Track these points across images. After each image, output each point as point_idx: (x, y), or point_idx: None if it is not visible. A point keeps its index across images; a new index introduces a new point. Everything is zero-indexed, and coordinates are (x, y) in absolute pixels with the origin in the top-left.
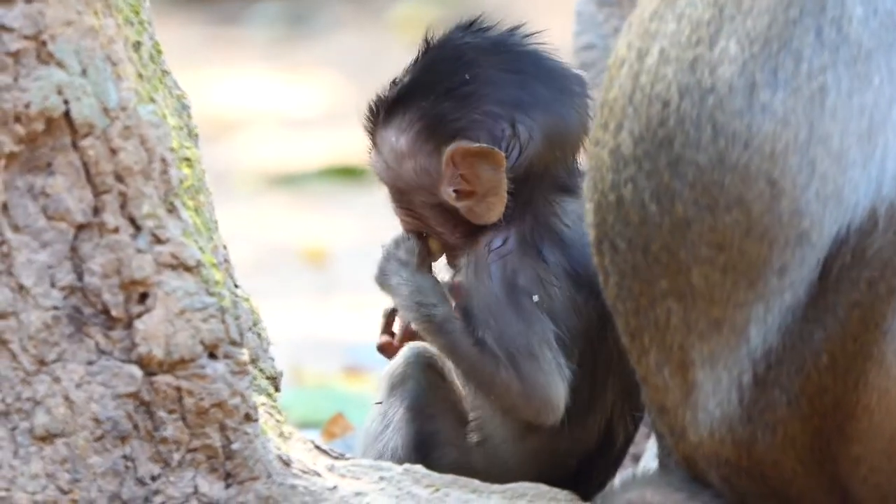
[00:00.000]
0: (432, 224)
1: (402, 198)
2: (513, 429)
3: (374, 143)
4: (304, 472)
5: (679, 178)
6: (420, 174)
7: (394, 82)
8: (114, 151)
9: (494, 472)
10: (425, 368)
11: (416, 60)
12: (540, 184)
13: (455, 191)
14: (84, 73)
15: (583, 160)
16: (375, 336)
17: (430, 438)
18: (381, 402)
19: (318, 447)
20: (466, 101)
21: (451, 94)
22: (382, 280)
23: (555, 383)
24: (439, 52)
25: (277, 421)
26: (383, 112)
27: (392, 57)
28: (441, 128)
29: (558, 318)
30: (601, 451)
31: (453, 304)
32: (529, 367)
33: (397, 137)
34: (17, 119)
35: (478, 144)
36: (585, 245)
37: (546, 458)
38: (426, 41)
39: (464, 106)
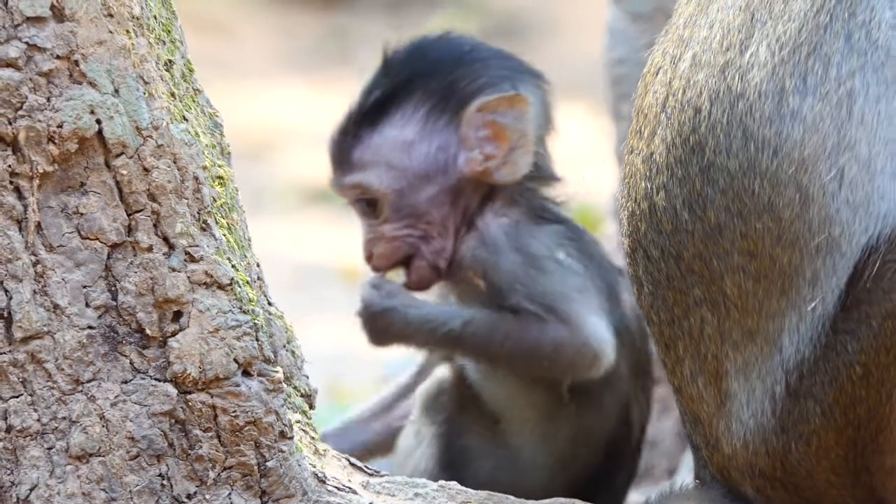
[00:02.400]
0: (434, 224)
1: (406, 202)
2: (536, 414)
3: (360, 159)
4: (339, 488)
5: (711, 184)
6: (436, 154)
7: (366, 93)
8: (147, 170)
9: (528, 479)
10: (458, 385)
11: (388, 67)
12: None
13: (481, 153)
14: (116, 92)
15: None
16: (410, 351)
17: (465, 453)
18: (414, 420)
19: (352, 464)
20: (475, 65)
21: (460, 63)
22: (379, 337)
23: (601, 323)
24: (424, 45)
25: (312, 438)
26: (369, 119)
27: None
28: (456, 95)
29: (581, 277)
30: (622, 435)
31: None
32: (572, 311)
33: (401, 129)
34: (51, 139)
35: (499, 94)
36: (579, 226)
37: (572, 446)
38: (386, 53)
39: (474, 70)
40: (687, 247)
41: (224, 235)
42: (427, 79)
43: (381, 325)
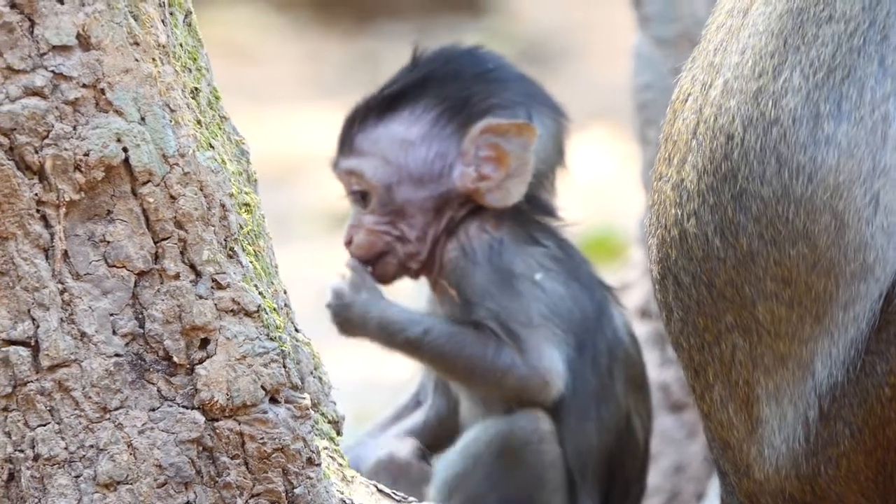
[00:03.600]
0: (414, 227)
1: (393, 199)
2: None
3: (360, 146)
4: None
5: (743, 211)
6: (432, 161)
7: (385, 84)
8: (173, 198)
9: None
10: (545, 439)
11: (414, 65)
12: (531, 193)
13: (477, 172)
14: (143, 120)
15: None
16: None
17: None
18: (483, 462)
19: (380, 490)
20: (494, 84)
21: (480, 79)
22: (343, 328)
23: (556, 355)
24: (450, 52)
25: (340, 464)
26: (379, 110)
27: None
28: (467, 108)
29: (555, 301)
30: (625, 449)
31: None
32: (530, 340)
33: (408, 127)
34: (77, 167)
35: (511, 120)
36: (576, 251)
37: (578, 468)
38: (415, 50)
39: (492, 89)
40: (718, 273)
41: (251, 262)
42: (444, 85)
43: (344, 318)
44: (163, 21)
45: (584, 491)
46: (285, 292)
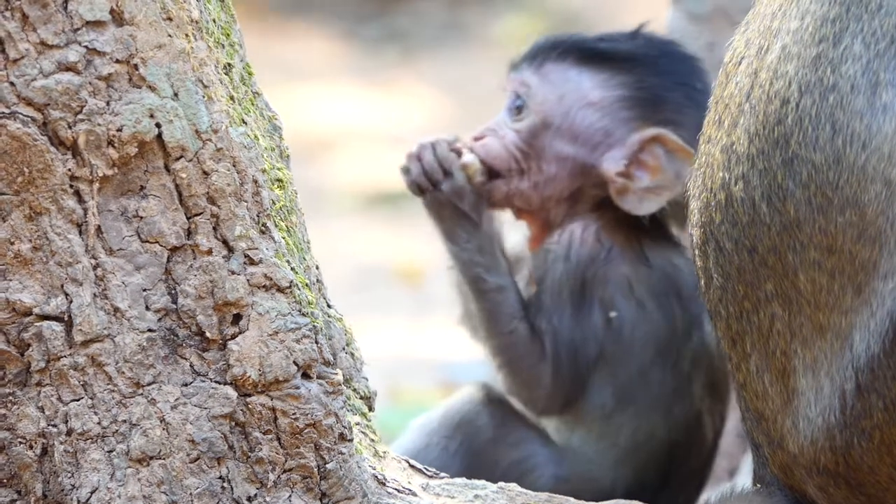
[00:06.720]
0: (541, 173)
1: (542, 134)
2: (594, 422)
3: (548, 72)
4: (399, 490)
5: (793, 177)
6: (596, 131)
7: (603, 38)
8: (206, 174)
9: (593, 481)
10: (490, 403)
11: (635, 37)
12: (663, 218)
13: (625, 168)
14: (176, 96)
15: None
16: (471, 354)
17: (520, 465)
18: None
19: (412, 465)
20: (690, 105)
21: (682, 90)
22: (432, 207)
23: (571, 390)
24: (672, 49)
25: (372, 440)
26: (583, 56)
27: (492, 74)
28: (655, 108)
29: (646, 321)
30: (692, 443)
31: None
32: (567, 371)
33: (597, 88)
34: (110, 143)
35: (684, 143)
36: (686, 271)
37: (632, 446)
38: (643, 25)
39: (685, 107)
40: (762, 239)
41: (283, 238)
42: (649, 74)
43: (436, 210)
44: None
45: (638, 469)
46: (317, 268)
